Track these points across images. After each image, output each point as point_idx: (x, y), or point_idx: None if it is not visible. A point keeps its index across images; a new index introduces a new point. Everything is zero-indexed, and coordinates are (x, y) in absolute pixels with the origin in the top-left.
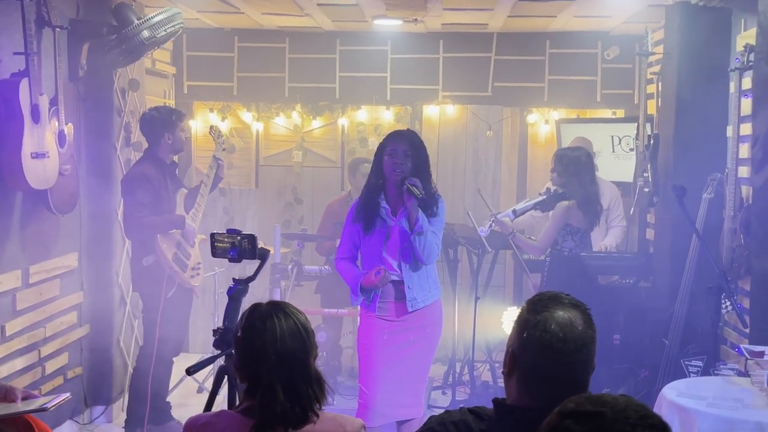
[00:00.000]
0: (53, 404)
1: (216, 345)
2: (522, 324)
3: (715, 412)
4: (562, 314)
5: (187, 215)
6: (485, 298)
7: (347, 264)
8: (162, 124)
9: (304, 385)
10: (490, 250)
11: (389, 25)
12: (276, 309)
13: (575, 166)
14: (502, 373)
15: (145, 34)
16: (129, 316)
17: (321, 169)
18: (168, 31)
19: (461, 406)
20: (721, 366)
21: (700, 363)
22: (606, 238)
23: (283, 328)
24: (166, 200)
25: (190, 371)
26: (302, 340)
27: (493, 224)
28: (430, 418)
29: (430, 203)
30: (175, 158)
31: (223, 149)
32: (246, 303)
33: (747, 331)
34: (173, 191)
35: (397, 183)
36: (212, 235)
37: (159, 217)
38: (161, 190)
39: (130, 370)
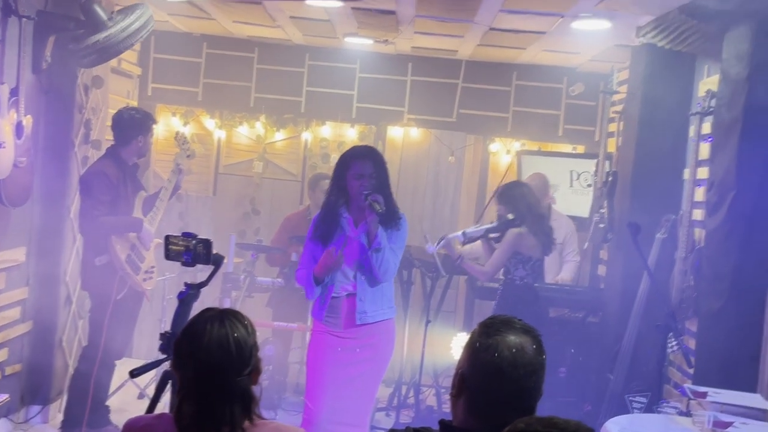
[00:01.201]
0: None
1: (162, 349)
2: (473, 346)
3: None
4: (513, 339)
5: (145, 218)
6: (436, 322)
7: (305, 272)
8: (138, 125)
9: (221, 403)
10: (444, 274)
11: (360, 43)
12: (221, 316)
13: (520, 196)
14: (450, 394)
15: (122, 46)
16: (74, 315)
17: (281, 181)
18: (142, 36)
19: (407, 426)
20: (664, 404)
21: (644, 399)
22: (562, 273)
23: (212, 337)
24: (125, 201)
25: (134, 373)
26: (228, 355)
27: (443, 243)
28: None
29: (391, 218)
30: (138, 161)
31: (188, 156)
32: (195, 310)
33: (691, 371)
34: (132, 193)
35: (363, 203)
36: (167, 237)
37: (116, 218)
38: (121, 190)
39: (71, 370)
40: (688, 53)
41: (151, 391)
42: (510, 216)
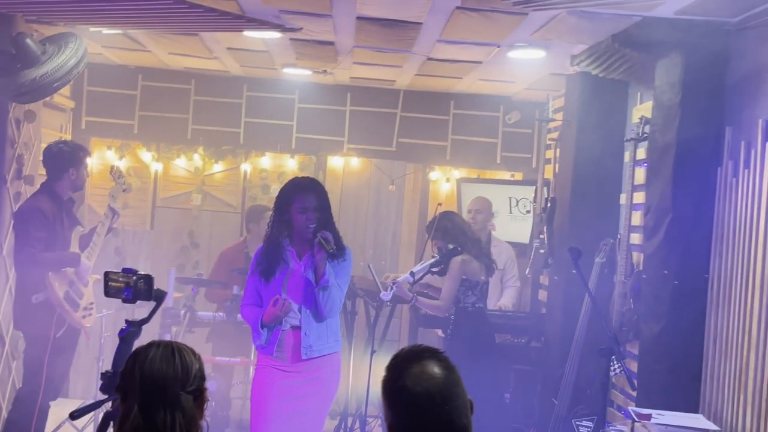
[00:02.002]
0: None
1: (103, 389)
2: (387, 395)
3: None
4: (418, 371)
5: (83, 253)
6: (380, 351)
7: (250, 308)
8: (69, 158)
9: (164, 412)
10: (389, 304)
11: (298, 74)
12: (167, 342)
13: (452, 225)
14: None
15: (59, 84)
16: (8, 356)
17: (220, 213)
18: (78, 72)
19: None
20: (609, 428)
21: (590, 423)
22: (502, 298)
23: (157, 354)
24: (61, 237)
25: (74, 415)
26: (172, 367)
27: (395, 289)
28: None
29: (339, 253)
30: (74, 195)
31: (123, 190)
32: (137, 346)
33: (634, 393)
34: (69, 228)
35: (309, 238)
36: (106, 274)
37: (53, 254)
38: (57, 225)
39: (4, 414)
40: (621, 81)
41: None
42: (450, 246)
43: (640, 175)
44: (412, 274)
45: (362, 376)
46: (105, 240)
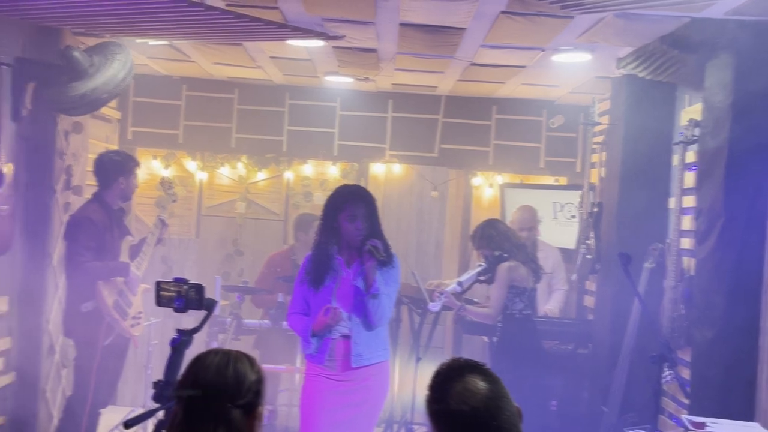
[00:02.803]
0: None
1: (155, 398)
2: (432, 416)
3: None
4: (460, 388)
5: (132, 263)
6: (425, 359)
7: (298, 317)
8: (119, 168)
9: (208, 424)
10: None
11: (340, 82)
12: (228, 351)
13: (496, 233)
14: None
15: (109, 97)
16: (57, 365)
17: (264, 221)
18: (126, 84)
19: None
20: None
21: None
22: (549, 303)
23: (213, 362)
24: (111, 246)
25: (128, 424)
26: (223, 378)
27: (444, 299)
28: None
29: (387, 261)
30: (123, 205)
31: (173, 201)
32: (189, 355)
33: (686, 401)
34: (119, 238)
35: (357, 246)
36: (158, 283)
37: (102, 263)
38: (107, 235)
39: (55, 421)
40: (668, 83)
41: None
42: (496, 253)
43: (690, 178)
44: (459, 284)
45: (407, 383)
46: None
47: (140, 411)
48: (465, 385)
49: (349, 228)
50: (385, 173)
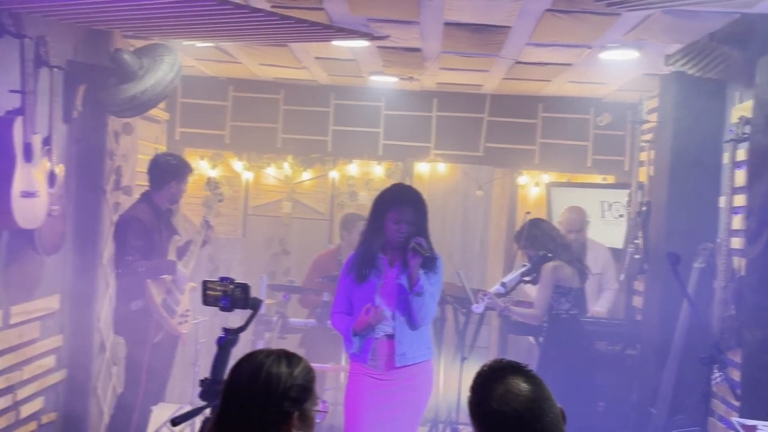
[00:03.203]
0: None
1: (202, 396)
2: (475, 418)
3: None
4: (503, 390)
5: (179, 262)
6: (470, 358)
7: (341, 316)
8: (174, 171)
9: (236, 426)
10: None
11: (385, 81)
12: (276, 352)
13: (541, 232)
14: None
15: (159, 99)
16: (108, 362)
17: (309, 221)
18: (174, 85)
19: None
20: None
21: None
22: (598, 302)
23: (250, 365)
24: (159, 246)
25: (176, 422)
26: (252, 384)
27: (487, 301)
28: None
29: (431, 261)
30: (171, 206)
31: (219, 201)
32: (235, 353)
33: (737, 404)
34: (167, 238)
35: (398, 246)
36: (204, 283)
37: (150, 262)
38: (155, 234)
39: (106, 418)
40: (718, 80)
41: None
42: (540, 253)
43: (741, 177)
44: (503, 284)
45: (452, 383)
46: None
47: (187, 408)
48: (507, 387)
49: (392, 229)
50: (430, 172)
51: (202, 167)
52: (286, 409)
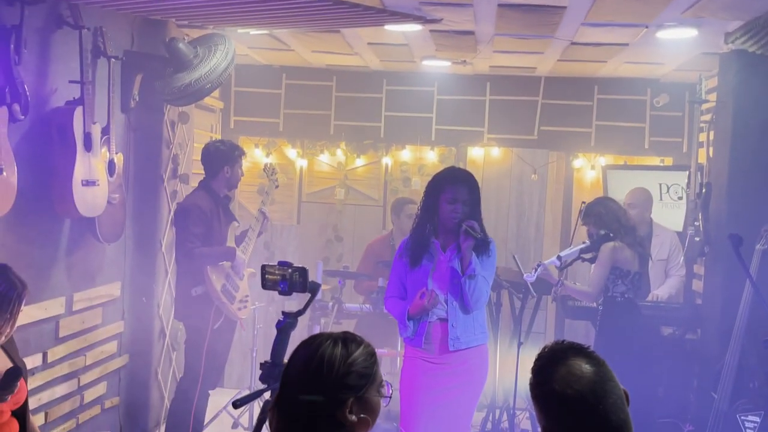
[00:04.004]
0: None
1: (262, 379)
2: (537, 400)
3: None
4: (564, 372)
5: (238, 248)
6: (527, 343)
7: (394, 301)
8: (225, 157)
9: (284, 422)
10: (534, 294)
11: (437, 66)
12: (336, 335)
13: (606, 211)
14: None
15: (212, 87)
16: (168, 348)
17: (363, 207)
18: (228, 73)
19: None
20: None
21: (756, 418)
22: (661, 288)
23: (307, 348)
24: (218, 232)
25: (237, 404)
26: (304, 367)
27: (540, 270)
28: None
29: (483, 245)
30: (229, 193)
31: (276, 187)
32: (294, 337)
33: None
34: (225, 224)
35: (452, 228)
36: (263, 267)
37: (210, 248)
38: (214, 221)
39: (167, 403)
40: None
41: (244, 420)
42: (602, 232)
43: None
44: (559, 258)
45: (509, 368)
46: None
47: (247, 392)
48: (569, 369)
49: (446, 209)
50: (484, 157)
51: (257, 155)
52: (341, 395)
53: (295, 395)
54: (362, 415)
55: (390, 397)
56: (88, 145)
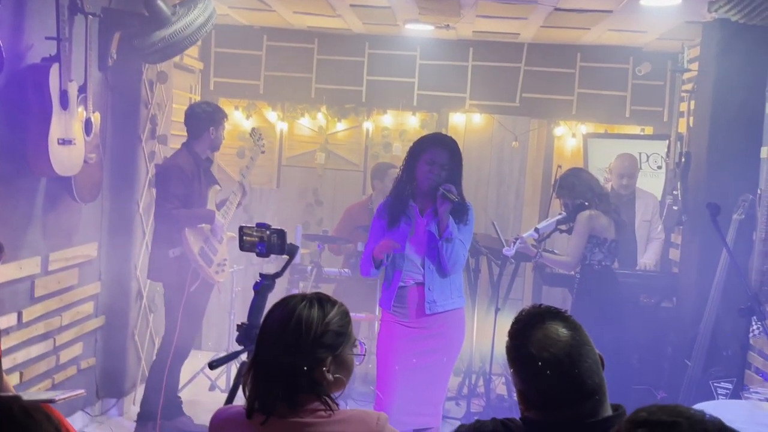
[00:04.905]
0: (61, 398)
1: (239, 340)
2: (513, 362)
3: None
4: (541, 335)
5: (218, 212)
6: (504, 310)
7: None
8: (209, 119)
9: (266, 382)
10: (513, 261)
11: (420, 30)
12: (310, 296)
13: (579, 181)
14: (521, 411)
15: (186, 43)
16: (145, 309)
17: (343, 172)
18: (206, 31)
19: (492, 417)
20: (748, 390)
21: (728, 385)
22: (646, 254)
23: (283, 310)
24: (198, 194)
25: (213, 365)
26: (282, 330)
27: (519, 244)
28: (461, 426)
29: (461, 210)
30: (211, 155)
31: (262, 152)
32: (272, 300)
33: None
34: (206, 186)
35: (428, 189)
36: (241, 229)
37: (189, 210)
38: (195, 183)
39: (143, 364)
40: (763, 27)
41: (221, 383)
42: (577, 201)
43: None
44: (536, 230)
45: (486, 334)
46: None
47: (224, 354)
48: (546, 332)
49: (424, 170)
50: (465, 123)
51: (237, 117)
52: (319, 354)
53: (274, 356)
54: (337, 375)
55: (364, 356)
56: (64, 104)
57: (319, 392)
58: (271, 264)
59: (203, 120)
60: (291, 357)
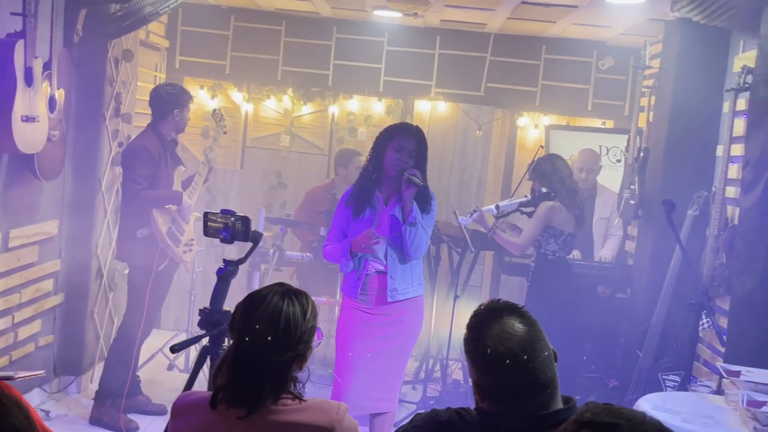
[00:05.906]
0: (20, 375)
1: (201, 325)
2: (470, 355)
3: (688, 428)
4: (498, 329)
5: (184, 192)
6: (463, 297)
7: (334, 245)
8: (174, 101)
9: (251, 379)
10: (472, 249)
11: (388, 16)
12: (286, 293)
13: (553, 170)
14: (476, 401)
15: (148, 9)
16: (105, 288)
17: (308, 155)
18: (169, 5)
19: (447, 405)
20: (697, 383)
21: (677, 378)
22: (604, 249)
23: (267, 309)
24: (165, 175)
25: (174, 349)
26: (274, 332)
27: (476, 216)
28: (417, 414)
29: (425, 198)
30: (176, 136)
31: (224, 133)
32: (233, 283)
33: (722, 350)
34: (172, 167)
35: (396, 175)
36: (205, 214)
37: (156, 191)
38: (161, 164)
39: (102, 342)
40: (723, 28)
41: (180, 363)
42: (544, 189)
43: (740, 126)
44: (497, 207)
45: (445, 320)
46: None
47: (184, 336)
48: (502, 327)
49: (392, 157)
50: (430, 111)
51: (202, 97)
52: (300, 349)
53: (267, 356)
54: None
55: (319, 343)
56: (29, 80)
57: (294, 383)
58: (233, 247)
59: (168, 102)
60: (285, 356)
